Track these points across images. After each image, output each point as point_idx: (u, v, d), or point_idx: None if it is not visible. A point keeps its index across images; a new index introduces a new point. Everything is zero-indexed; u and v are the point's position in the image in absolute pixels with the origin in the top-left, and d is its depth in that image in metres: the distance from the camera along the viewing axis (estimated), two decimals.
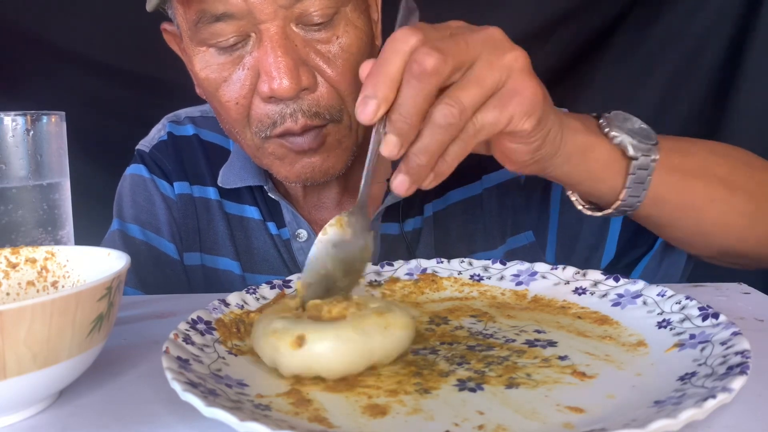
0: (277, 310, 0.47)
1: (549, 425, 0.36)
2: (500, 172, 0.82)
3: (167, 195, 0.86)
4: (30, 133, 0.54)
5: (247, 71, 0.66)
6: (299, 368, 0.42)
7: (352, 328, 0.43)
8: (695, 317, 0.47)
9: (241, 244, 0.84)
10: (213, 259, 0.84)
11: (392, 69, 0.44)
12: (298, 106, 0.66)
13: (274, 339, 0.43)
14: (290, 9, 0.63)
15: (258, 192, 0.83)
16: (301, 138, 0.68)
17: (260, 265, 0.83)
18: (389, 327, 0.44)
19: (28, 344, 0.37)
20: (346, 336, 0.42)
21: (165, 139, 0.88)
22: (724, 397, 0.34)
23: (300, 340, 0.42)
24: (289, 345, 0.42)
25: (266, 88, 0.64)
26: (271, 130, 0.67)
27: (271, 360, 0.43)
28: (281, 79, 0.62)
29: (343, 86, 0.67)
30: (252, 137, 0.69)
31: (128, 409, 0.42)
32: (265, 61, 0.63)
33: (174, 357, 0.42)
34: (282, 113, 0.66)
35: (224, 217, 0.84)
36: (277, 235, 0.82)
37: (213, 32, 0.64)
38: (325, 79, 0.66)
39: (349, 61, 0.67)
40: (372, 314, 0.44)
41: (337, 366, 0.42)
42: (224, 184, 0.82)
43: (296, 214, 0.81)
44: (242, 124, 0.69)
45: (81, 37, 1.27)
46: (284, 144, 0.69)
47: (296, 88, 0.63)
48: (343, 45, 0.66)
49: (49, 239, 0.55)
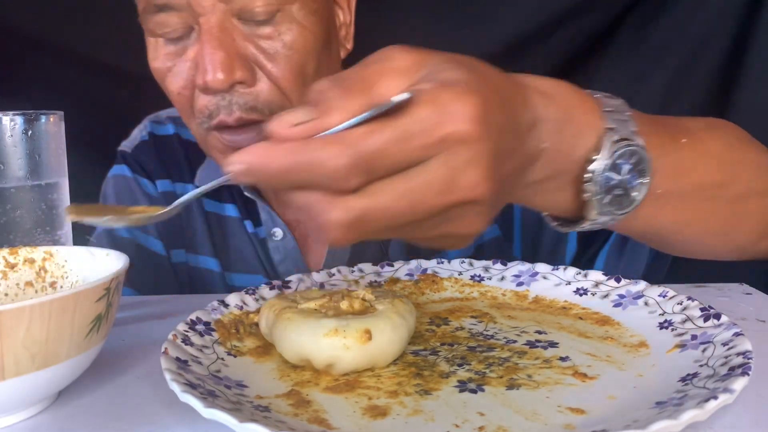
0: (297, 314, 0.46)
1: (550, 426, 0.36)
2: None
3: (151, 193, 0.86)
4: (28, 132, 0.54)
5: (189, 62, 0.67)
6: (364, 362, 0.43)
7: (396, 315, 0.45)
8: (697, 318, 0.47)
9: (220, 242, 0.84)
10: (195, 257, 0.85)
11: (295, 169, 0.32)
12: (234, 99, 0.66)
13: (338, 337, 0.42)
14: (229, 3, 0.63)
15: (236, 189, 0.83)
16: (239, 136, 0.67)
17: (238, 264, 0.83)
18: (412, 310, 0.48)
19: (27, 345, 0.37)
20: (397, 323, 0.44)
21: (146, 138, 0.88)
22: (725, 398, 0.34)
23: (368, 334, 0.43)
24: (357, 341, 0.42)
25: (200, 80, 0.64)
26: (209, 122, 0.68)
27: (329, 359, 0.43)
28: (214, 72, 0.63)
29: (284, 83, 0.66)
30: (197, 127, 0.70)
31: (127, 410, 0.42)
32: (201, 53, 0.64)
33: (173, 358, 0.41)
34: (217, 105, 0.66)
35: (203, 214, 0.84)
36: (254, 233, 0.82)
37: (157, 22, 0.66)
38: (265, 74, 0.66)
39: (293, 59, 0.66)
40: (394, 300, 0.47)
41: (393, 354, 0.45)
42: (201, 183, 0.82)
43: (272, 213, 0.81)
44: (188, 114, 0.70)
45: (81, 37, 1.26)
46: (221, 138, 0.69)
47: (228, 81, 0.64)
48: (286, 42, 0.66)
49: (47, 239, 0.55)
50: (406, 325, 0.45)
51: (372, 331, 0.43)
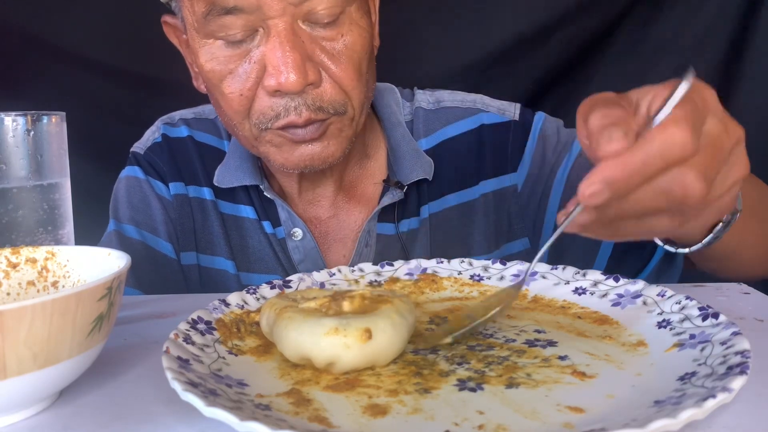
0: (299, 314, 0.46)
1: (549, 425, 0.36)
2: (498, 179, 0.83)
3: (163, 195, 0.86)
4: (30, 133, 0.54)
5: (253, 65, 0.67)
6: (364, 361, 0.43)
7: (396, 315, 0.45)
8: (695, 317, 0.47)
9: (236, 243, 0.84)
10: (208, 258, 0.85)
11: (649, 171, 0.38)
12: (302, 100, 0.67)
13: (340, 336, 0.43)
14: (298, 6, 0.65)
15: (253, 191, 0.84)
16: (303, 130, 0.69)
17: (255, 265, 0.84)
18: (412, 310, 0.48)
19: (29, 344, 0.37)
20: (397, 322, 0.45)
21: (159, 141, 0.88)
22: (724, 397, 0.34)
23: (368, 333, 0.43)
24: (357, 339, 0.42)
25: (273, 82, 0.65)
26: (273, 122, 0.69)
27: (329, 358, 0.43)
28: (288, 74, 0.64)
29: (346, 82, 0.69)
30: (251, 128, 0.71)
31: (128, 409, 0.42)
32: (273, 56, 0.65)
33: (174, 357, 0.42)
34: (287, 107, 0.68)
35: (219, 216, 0.85)
36: (273, 234, 0.83)
37: (221, 25, 0.66)
38: (329, 75, 0.68)
39: (353, 59, 0.69)
40: (394, 299, 0.47)
41: (393, 353, 0.45)
42: (220, 184, 0.82)
43: (291, 213, 0.81)
44: (242, 116, 0.70)
45: (82, 37, 1.27)
46: (283, 134, 0.70)
47: (303, 83, 0.65)
48: (347, 43, 0.68)
49: (49, 239, 0.55)
50: (406, 324, 0.46)
51: (372, 330, 0.43)
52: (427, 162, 0.81)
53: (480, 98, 0.87)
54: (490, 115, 0.85)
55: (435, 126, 0.85)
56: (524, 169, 0.82)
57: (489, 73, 1.28)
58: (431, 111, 0.86)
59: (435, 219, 0.82)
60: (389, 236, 0.81)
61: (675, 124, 0.37)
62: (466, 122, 0.85)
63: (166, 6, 0.73)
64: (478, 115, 0.85)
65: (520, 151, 0.83)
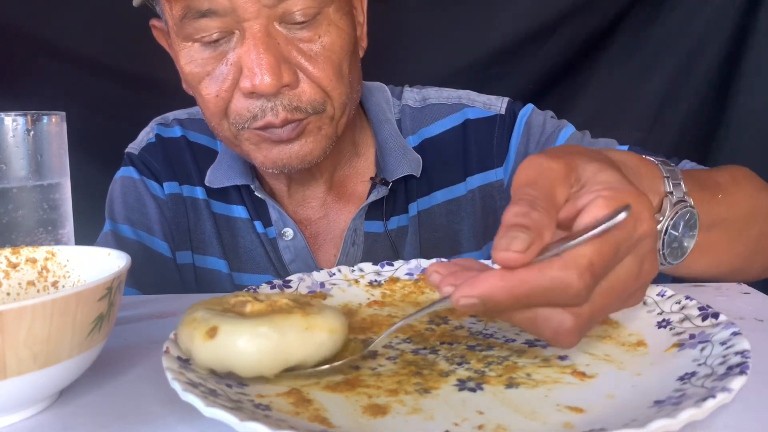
0: (210, 303, 0.45)
1: (549, 425, 0.36)
2: (484, 174, 0.83)
3: (157, 195, 0.86)
4: (30, 133, 0.54)
5: (230, 66, 0.68)
6: (211, 361, 0.41)
7: (268, 325, 0.40)
8: (695, 317, 0.47)
9: (228, 243, 0.85)
10: (202, 258, 0.85)
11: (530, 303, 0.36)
12: (279, 101, 0.67)
13: (190, 329, 0.41)
14: (273, 8, 0.65)
15: (245, 191, 0.84)
16: (280, 129, 0.69)
17: (247, 264, 0.84)
18: (311, 329, 0.41)
19: (29, 344, 0.37)
20: (260, 332, 0.40)
21: (153, 141, 0.89)
22: (723, 397, 0.34)
23: (213, 331, 0.40)
24: (201, 336, 0.40)
25: (248, 84, 0.65)
26: (250, 123, 0.69)
27: (186, 350, 0.42)
28: (263, 76, 0.64)
29: (325, 82, 0.69)
30: (229, 128, 0.71)
31: (128, 409, 0.42)
32: (247, 58, 0.65)
33: (174, 357, 0.42)
34: (263, 108, 0.68)
35: (211, 216, 0.85)
36: (264, 233, 0.83)
37: (197, 27, 0.66)
38: (307, 76, 0.68)
39: (332, 60, 0.69)
40: (296, 314, 0.42)
41: (249, 362, 0.40)
42: (211, 184, 0.83)
43: (282, 213, 0.81)
44: (220, 117, 0.71)
45: (82, 37, 1.27)
46: (261, 134, 0.70)
47: (277, 85, 0.65)
48: (325, 44, 0.68)
49: (49, 239, 0.55)
50: (277, 339, 0.40)
51: (221, 330, 0.40)
52: (414, 158, 0.81)
53: (466, 94, 0.87)
54: (474, 110, 0.85)
55: (421, 123, 0.85)
56: (510, 164, 0.82)
57: (489, 73, 1.28)
58: (417, 109, 0.86)
59: (424, 216, 0.82)
60: (378, 234, 0.81)
61: (576, 268, 0.35)
62: (450, 119, 0.85)
63: (152, 10, 0.73)
64: (463, 110, 0.85)
65: (505, 145, 0.83)
